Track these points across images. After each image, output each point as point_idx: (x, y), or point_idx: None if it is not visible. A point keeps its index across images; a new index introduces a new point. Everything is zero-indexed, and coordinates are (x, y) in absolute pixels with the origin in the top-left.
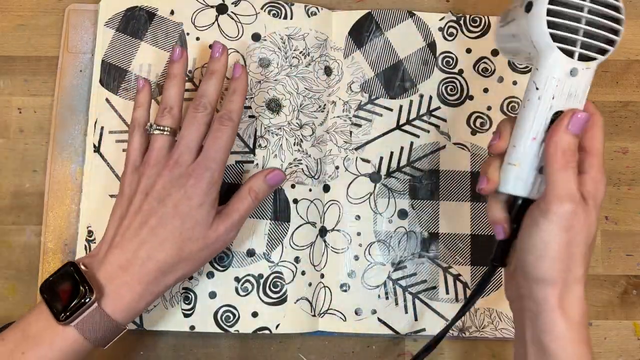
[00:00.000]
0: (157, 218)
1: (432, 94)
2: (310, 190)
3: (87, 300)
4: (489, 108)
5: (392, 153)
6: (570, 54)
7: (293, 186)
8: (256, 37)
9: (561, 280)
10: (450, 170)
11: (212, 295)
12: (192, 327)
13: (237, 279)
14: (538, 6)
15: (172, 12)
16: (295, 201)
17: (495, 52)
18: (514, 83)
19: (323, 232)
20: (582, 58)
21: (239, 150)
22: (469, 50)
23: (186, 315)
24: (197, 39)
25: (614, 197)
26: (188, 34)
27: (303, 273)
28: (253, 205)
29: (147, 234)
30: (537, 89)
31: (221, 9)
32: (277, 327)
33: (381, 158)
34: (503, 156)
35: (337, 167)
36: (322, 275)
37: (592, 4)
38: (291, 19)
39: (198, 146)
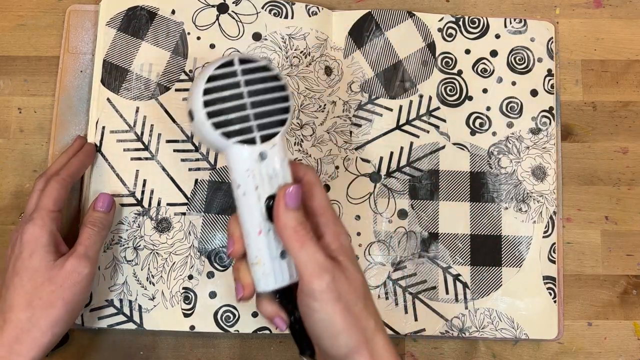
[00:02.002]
0: (4, 286)
1: (432, 94)
2: None
3: None
4: (488, 108)
5: (392, 153)
6: (251, 141)
7: None
8: (257, 36)
9: (361, 342)
10: (450, 171)
11: (212, 295)
12: (192, 327)
13: None
14: (197, 114)
15: (173, 12)
16: None
17: (494, 53)
18: (513, 84)
19: None
20: (265, 139)
21: None
22: (467, 51)
23: (186, 315)
24: (198, 38)
25: (614, 197)
26: (189, 33)
27: None
28: (94, 233)
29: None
30: (238, 186)
31: (222, 9)
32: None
33: (381, 158)
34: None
35: (337, 167)
36: None
37: (249, 86)
38: (292, 18)
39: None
